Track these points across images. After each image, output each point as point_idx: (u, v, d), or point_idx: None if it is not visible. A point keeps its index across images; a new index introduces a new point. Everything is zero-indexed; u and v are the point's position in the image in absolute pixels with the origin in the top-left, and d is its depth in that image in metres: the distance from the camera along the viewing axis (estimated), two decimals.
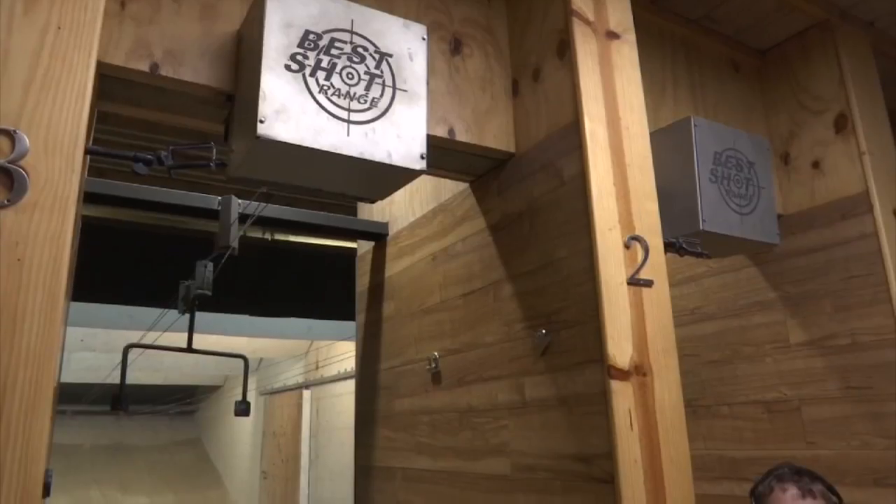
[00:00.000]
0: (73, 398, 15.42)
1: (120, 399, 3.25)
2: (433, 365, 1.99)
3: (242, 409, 3.88)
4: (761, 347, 2.46)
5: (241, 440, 15.31)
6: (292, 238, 4.89)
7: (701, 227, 1.97)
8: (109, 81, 1.40)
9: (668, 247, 1.78)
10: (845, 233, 2.23)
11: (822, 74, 2.38)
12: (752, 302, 2.49)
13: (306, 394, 11.74)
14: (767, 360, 2.44)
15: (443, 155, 1.77)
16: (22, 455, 1.01)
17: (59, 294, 1.08)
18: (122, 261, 4.72)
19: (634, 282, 1.48)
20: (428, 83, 1.52)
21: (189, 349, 3.57)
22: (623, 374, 1.37)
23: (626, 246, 1.51)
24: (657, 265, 1.53)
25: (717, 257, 2.41)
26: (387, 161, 1.41)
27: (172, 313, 5.08)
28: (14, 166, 1.09)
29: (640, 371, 1.39)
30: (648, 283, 1.50)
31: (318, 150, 1.34)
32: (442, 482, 1.89)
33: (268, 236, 4.66)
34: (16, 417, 1.01)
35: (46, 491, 1.14)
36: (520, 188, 1.76)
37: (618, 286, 1.46)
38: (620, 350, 1.39)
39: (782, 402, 2.37)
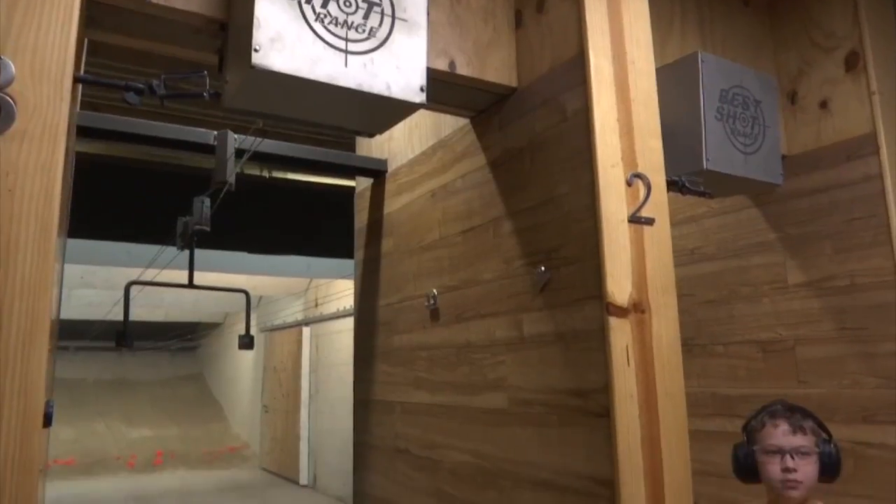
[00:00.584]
0: (76, 334, 15.61)
1: (124, 335, 3.29)
2: (432, 301, 1.99)
3: (246, 342, 3.93)
4: (759, 288, 2.46)
5: (242, 375, 15.61)
6: (290, 175, 4.85)
7: (704, 167, 1.94)
8: (98, 8, 1.35)
9: (671, 185, 1.76)
10: (850, 174, 2.20)
11: (836, 10, 2.30)
12: (751, 243, 2.48)
13: (306, 331, 11.90)
14: (765, 300, 2.45)
15: (443, 88, 1.73)
16: (21, 385, 1.02)
17: (52, 225, 1.06)
18: (119, 197, 4.69)
19: (635, 219, 1.47)
20: (428, 13, 1.46)
21: (190, 285, 3.59)
22: (621, 312, 1.37)
23: (629, 183, 1.49)
24: (659, 203, 1.52)
25: (719, 197, 2.39)
26: (385, 93, 1.37)
27: (172, 250, 5.09)
28: (0, 93, 1.06)
29: (638, 308, 1.39)
30: (649, 221, 1.49)
31: (314, 80, 1.31)
32: (440, 415, 1.92)
33: (265, 173, 4.62)
34: (13, 348, 1.01)
35: (48, 421, 1.15)
36: (521, 123, 1.72)
37: (619, 223, 1.44)
38: (619, 287, 1.38)
39: (777, 342, 2.39)
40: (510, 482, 1.60)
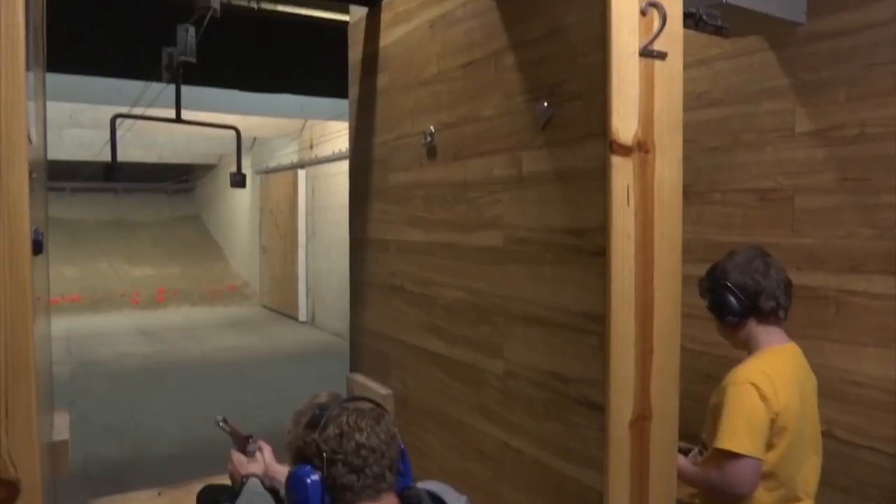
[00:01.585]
0: (69, 175, 15.52)
1: (112, 169, 3.23)
2: (429, 139, 1.94)
3: (238, 180, 3.90)
4: (764, 136, 2.40)
5: (239, 217, 15.77)
6: (280, 7, 4.57)
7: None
8: None
9: (687, 18, 1.64)
10: (877, 16, 2.06)
11: None
12: (762, 88, 2.38)
13: (301, 173, 11.85)
14: (768, 148, 2.39)
15: None
16: (5, 210, 0.99)
17: (18, 39, 0.98)
18: (103, 30, 4.44)
19: (647, 53, 1.38)
20: None
21: (178, 120, 3.48)
22: (625, 150, 1.32)
23: (643, 12, 1.38)
24: (673, 36, 1.42)
25: (736, 36, 2.26)
26: None
27: (161, 88, 4.91)
28: None
29: (642, 148, 1.34)
30: (661, 56, 1.40)
31: None
32: (435, 253, 1.93)
33: (254, 5, 4.35)
34: None
35: (37, 248, 1.14)
36: None
37: (629, 57, 1.35)
38: (625, 125, 1.32)
39: (776, 192, 2.37)
40: (503, 318, 1.63)
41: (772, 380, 1.72)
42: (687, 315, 1.41)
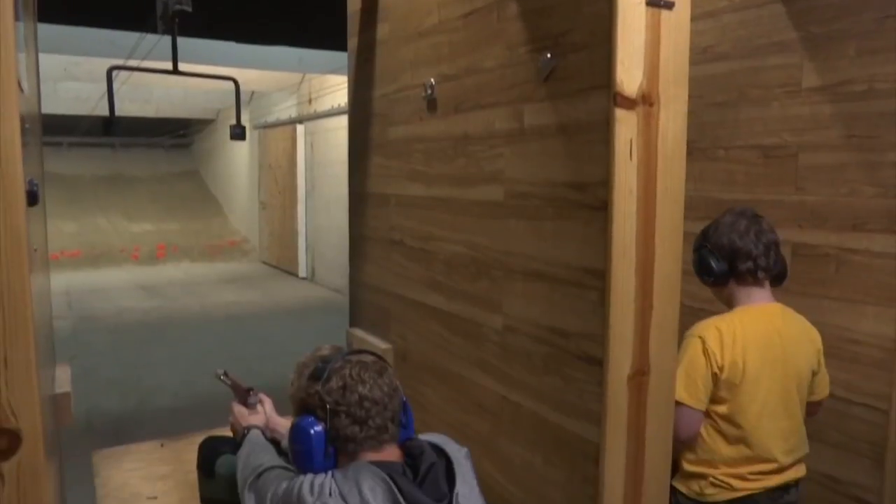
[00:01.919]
0: (66, 130, 15.36)
1: (110, 122, 3.17)
2: (429, 91, 1.90)
3: (237, 132, 3.84)
4: (770, 91, 2.36)
5: (238, 172, 15.68)
6: None
7: None
8: None
9: None
10: None
11: None
12: (770, 42, 2.33)
13: (300, 128, 11.73)
14: (774, 104, 2.36)
15: None
16: None
17: None
18: None
19: (654, 2, 1.34)
20: None
21: (175, 71, 3.42)
22: (629, 103, 1.29)
23: None
24: None
25: None
26: None
27: (157, 40, 4.81)
28: None
29: (647, 100, 1.32)
30: (669, 5, 1.36)
31: None
32: (435, 208, 1.91)
33: None
34: None
35: (32, 199, 1.12)
36: None
37: (635, 6, 1.32)
38: (630, 77, 1.29)
39: (781, 148, 2.34)
40: (502, 272, 1.63)
41: (722, 335, 1.77)
42: (686, 272, 1.40)
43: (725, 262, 1.87)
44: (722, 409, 1.79)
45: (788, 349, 1.88)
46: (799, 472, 1.87)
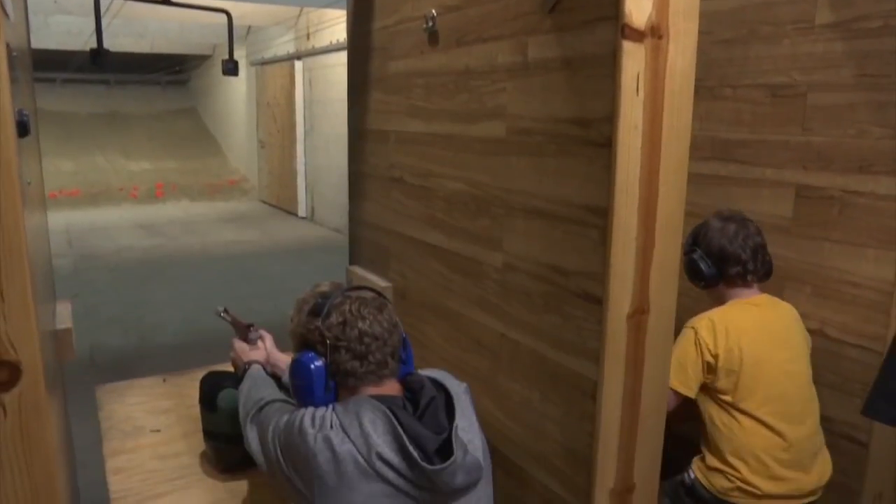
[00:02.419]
0: (59, 65, 15.01)
1: (98, 53, 3.08)
2: (430, 23, 1.84)
3: (230, 68, 3.75)
4: (781, 28, 2.29)
5: (235, 110, 15.45)
6: None
7: None
8: None
9: None
10: None
11: None
12: None
13: (298, 65, 11.49)
14: (785, 41, 2.29)
15: None
16: None
17: None
18: None
19: None
20: None
21: (166, 1, 3.31)
22: (638, 35, 1.25)
23: None
24: None
25: None
26: None
27: None
28: None
29: (655, 33, 1.27)
30: None
31: None
32: (435, 144, 1.88)
33: None
34: None
35: (22, 129, 1.10)
36: None
37: None
38: (638, 7, 1.24)
39: (789, 87, 2.29)
40: (503, 210, 1.61)
41: (715, 325, 1.92)
42: (687, 213, 1.39)
43: (715, 266, 2.00)
44: (728, 397, 1.91)
45: (782, 332, 1.99)
46: (823, 478, 1.96)
